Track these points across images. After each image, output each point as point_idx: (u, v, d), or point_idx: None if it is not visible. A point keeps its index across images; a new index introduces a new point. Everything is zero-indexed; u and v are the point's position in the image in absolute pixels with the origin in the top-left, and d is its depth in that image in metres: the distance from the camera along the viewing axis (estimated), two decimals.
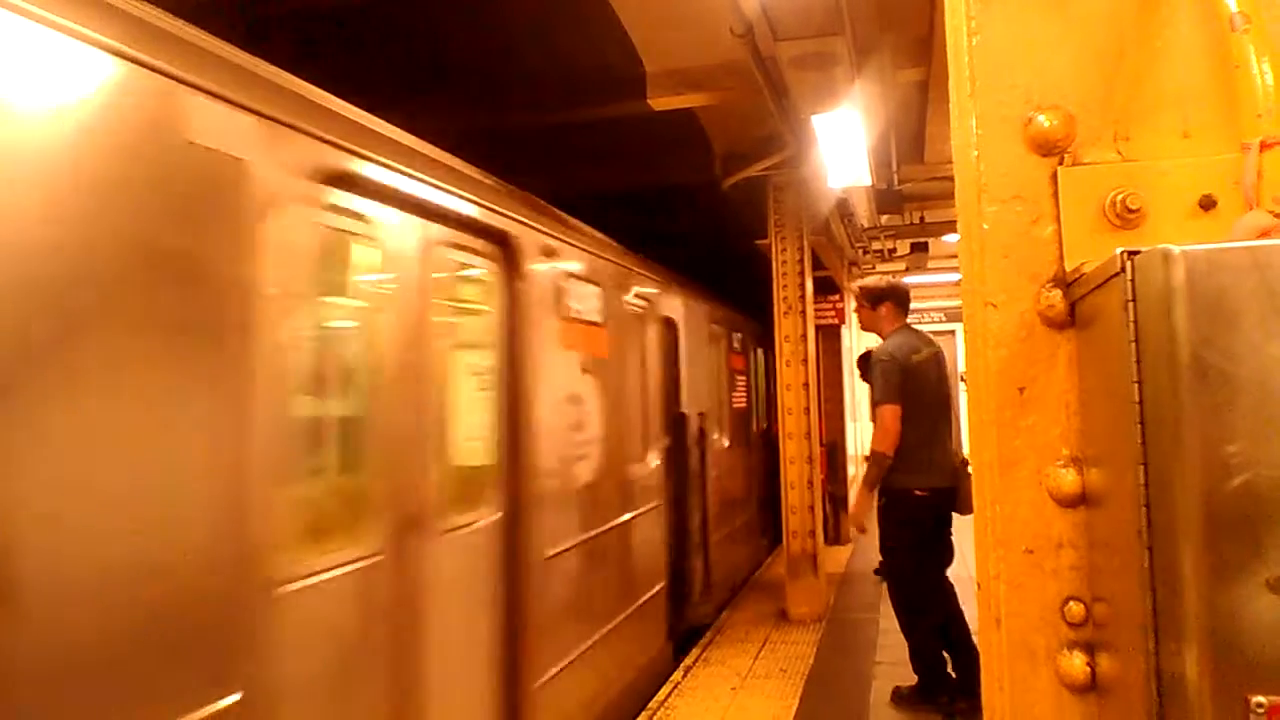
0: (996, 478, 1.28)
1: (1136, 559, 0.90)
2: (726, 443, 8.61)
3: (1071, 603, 1.20)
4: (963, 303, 1.44)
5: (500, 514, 3.87)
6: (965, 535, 5.37)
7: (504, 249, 3.96)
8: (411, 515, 3.16)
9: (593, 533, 4.89)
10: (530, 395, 4.07)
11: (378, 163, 3.01)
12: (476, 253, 3.80)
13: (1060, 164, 1.28)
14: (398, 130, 3.33)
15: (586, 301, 5.01)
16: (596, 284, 5.18)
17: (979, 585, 1.37)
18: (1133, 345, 0.90)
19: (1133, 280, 0.90)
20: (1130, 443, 0.91)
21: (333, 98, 2.95)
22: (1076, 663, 1.15)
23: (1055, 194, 1.27)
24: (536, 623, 4.02)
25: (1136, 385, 0.89)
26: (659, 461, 6.29)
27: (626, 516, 5.51)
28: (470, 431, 3.91)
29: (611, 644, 5.07)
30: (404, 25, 5.44)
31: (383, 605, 2.97)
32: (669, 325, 6.84)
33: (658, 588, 6.11)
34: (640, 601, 5.71)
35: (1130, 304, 0.90)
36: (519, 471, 3.98)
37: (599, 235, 5.57)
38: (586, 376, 4.93)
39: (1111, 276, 0.96)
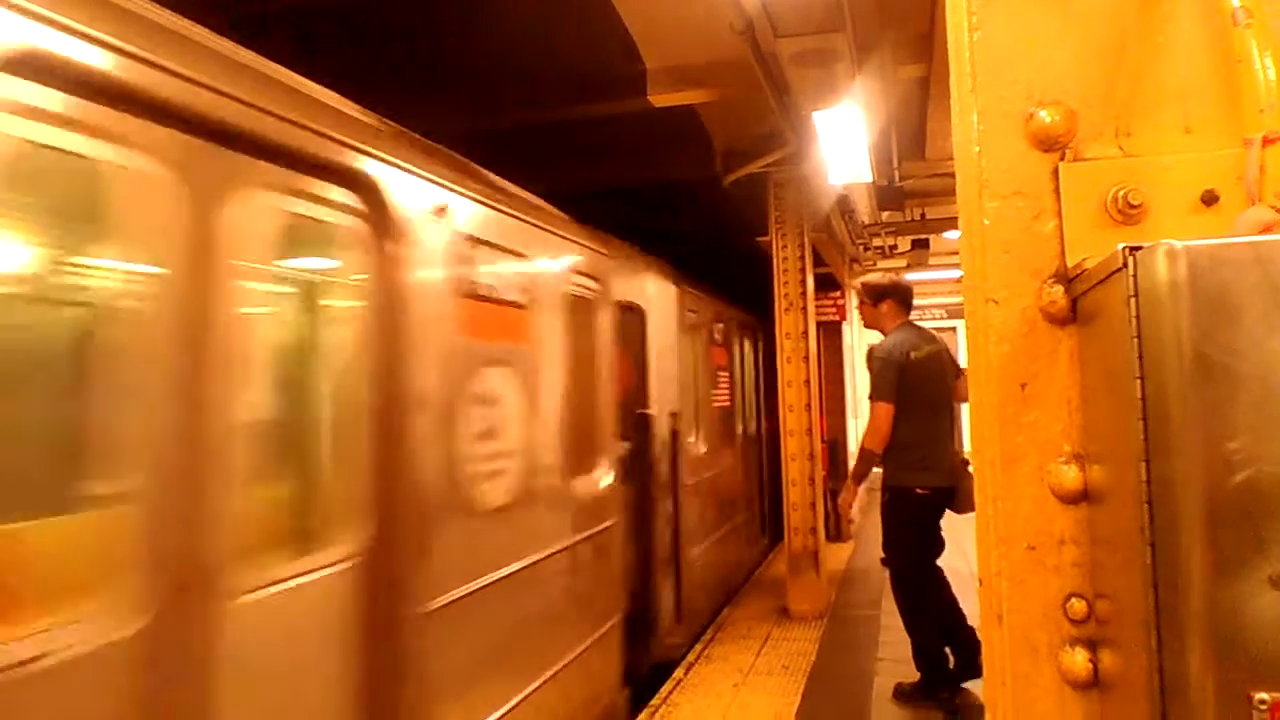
0: (998, 474, 1.28)
1: (1139, 555, 0.90)
2: (705, 447, 7.56)
3: (1074, 599, 1.20)
4: (964, 299, 1.43)
5: (353, 559, 2.80)
6: (963, 532, 5.38)
7: (370, 201, 2.97)
8: (188, 570, 2.16)
9: (509, 569, 3.79)
10: (405, 392, 3.08)
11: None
12: (326, 203, 2.81)
13: (1061, 159, 1.27)
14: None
15: (503, 277, 3.97)
16: (520, 255, 4.16)
17: (981, 582, 1.37)
18: (1135, 341, 0.89)
19: (1135, 275, 0.90)
20: (1132, 439, 0.91)
21: None
22: (1079, 659, 1.15)
23: (1056, 190, 1.27)
24: (414, 699, 3.05)
25: (1138, 381, 0.89)
26: (614, 472, 5.16)
27: (563, 543, 4.43)
28: (308, 442, 2.98)
29: (536, 705, 3.95)
30: (404, 23, 5.43)
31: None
32: (632, 312, 5.87)
33: (609, 624, 5.03)
34: (582, 647, 4.58)
35: (1132, 299, 0.90)
36: (391, 496, 2.96)
37: (531, 198, 4.51)
38: (500, 370, 3.90)
39: (1114, 272, 0.96)
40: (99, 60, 2.00)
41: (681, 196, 8.78)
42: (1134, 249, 0.91)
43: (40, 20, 1.87)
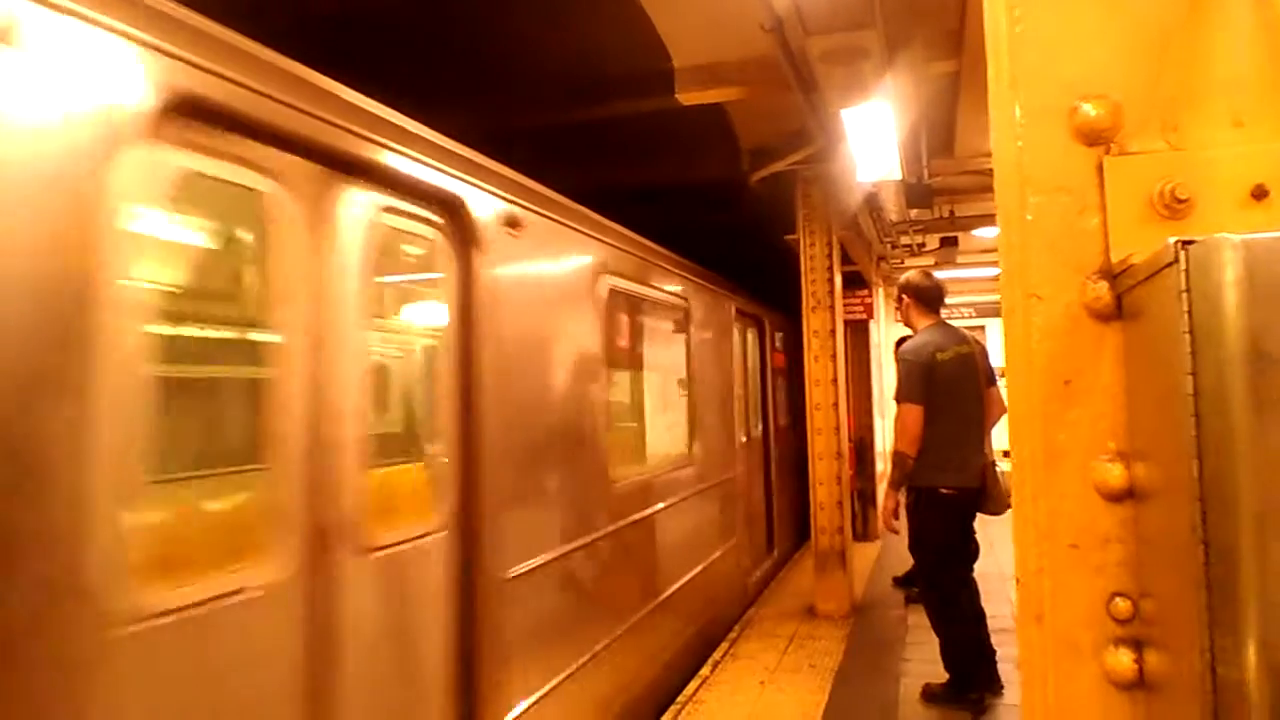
0: (1041, 472, 1.27)
1: (1189, 554, 0.89)
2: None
3: (1118, 598, 1.18)
4: (1002, 296, 1.42)
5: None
6: (995, 532, 5.34)
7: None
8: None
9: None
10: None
11: None
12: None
13: (1106, 154, 1.26)
14: None
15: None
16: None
17: (1019, 581, 1.35)
18: (1187, 336, 0.88)
19: (1187, 270, 0.88)
20: (1183, 436, 0.89)
21: None
22: (1123, 659, 1.14)
23: (1101, 184, 1.25)
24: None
25: (1191, 377, 0.88)
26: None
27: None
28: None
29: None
30: (436, 25, 5.46)
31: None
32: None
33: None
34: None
35: (1185, 294, 0.88)
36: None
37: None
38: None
39: (1164, 267, 0.94)
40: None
41: (707, 193, 8.75)
42: (1186, 243, 0.90)
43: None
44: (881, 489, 10.84)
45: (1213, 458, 0.87)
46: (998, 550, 5.46)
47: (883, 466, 11.47)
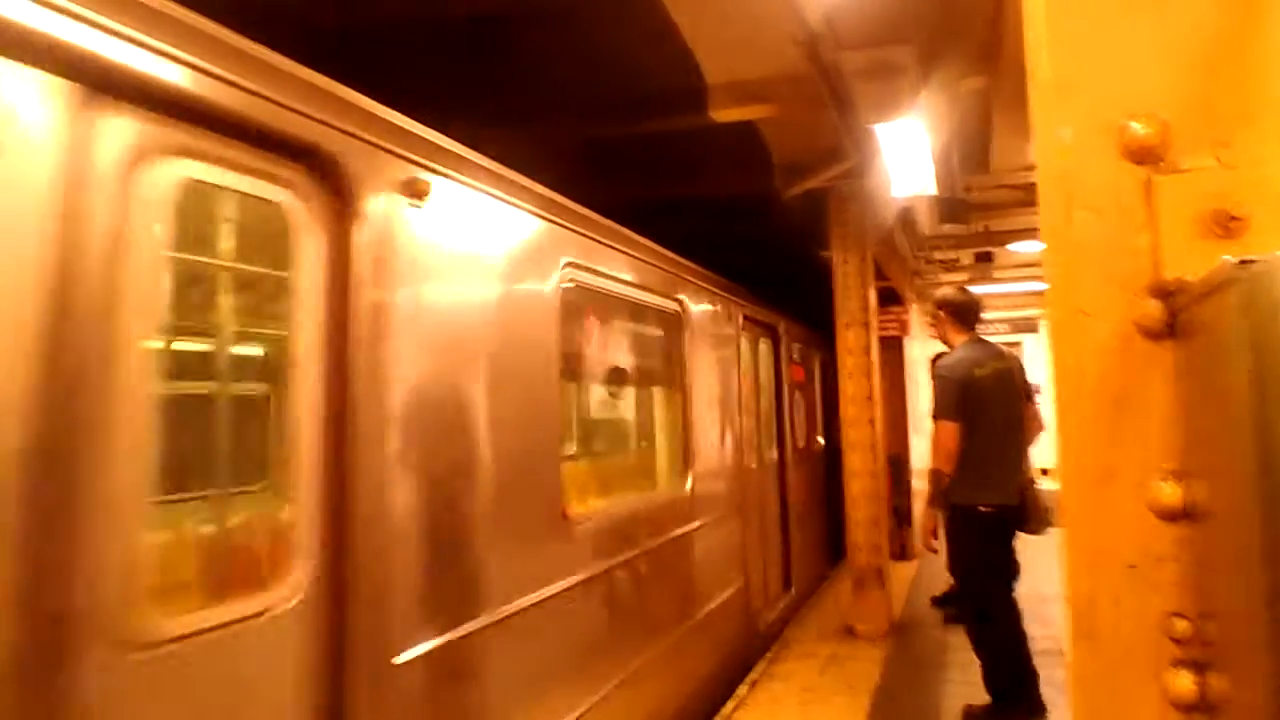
0: (1092, 491, 1.26)
1: (1254, 575, 0.88)
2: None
3: (1175, 619, 1.17)
4: (1049, 314, 1.41)
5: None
6: (1031, 552, 5.27)
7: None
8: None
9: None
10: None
11: None
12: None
13: (1156, 172, 1.25)
14: None
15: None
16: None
17: (1069, 602, 1.34)
18: (1249, 355, 0.87)
19: (1248, 289, 0.88)
20: (1246, 456, 0.89)
21: None
22: (1184, 680, 1.12)
23: (1151, 202, 1.25)
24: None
25: (1253, 396, 0.87)
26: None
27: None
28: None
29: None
30: (479, 45, 5.54)
31: None
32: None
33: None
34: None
35: (1246, 313, 0.88)
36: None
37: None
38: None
39: (1221, 285, 0.94)
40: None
41: (737, 208, 8.73)
42: (1246, 261, 0.89)
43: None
44: (917, 507, 10.74)
45: (1273, 478, 0.86)
46: (1035, 570, 5.38)
47: (918, 484, 11.36)
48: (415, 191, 2.99)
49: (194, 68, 2.17)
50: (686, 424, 5.73)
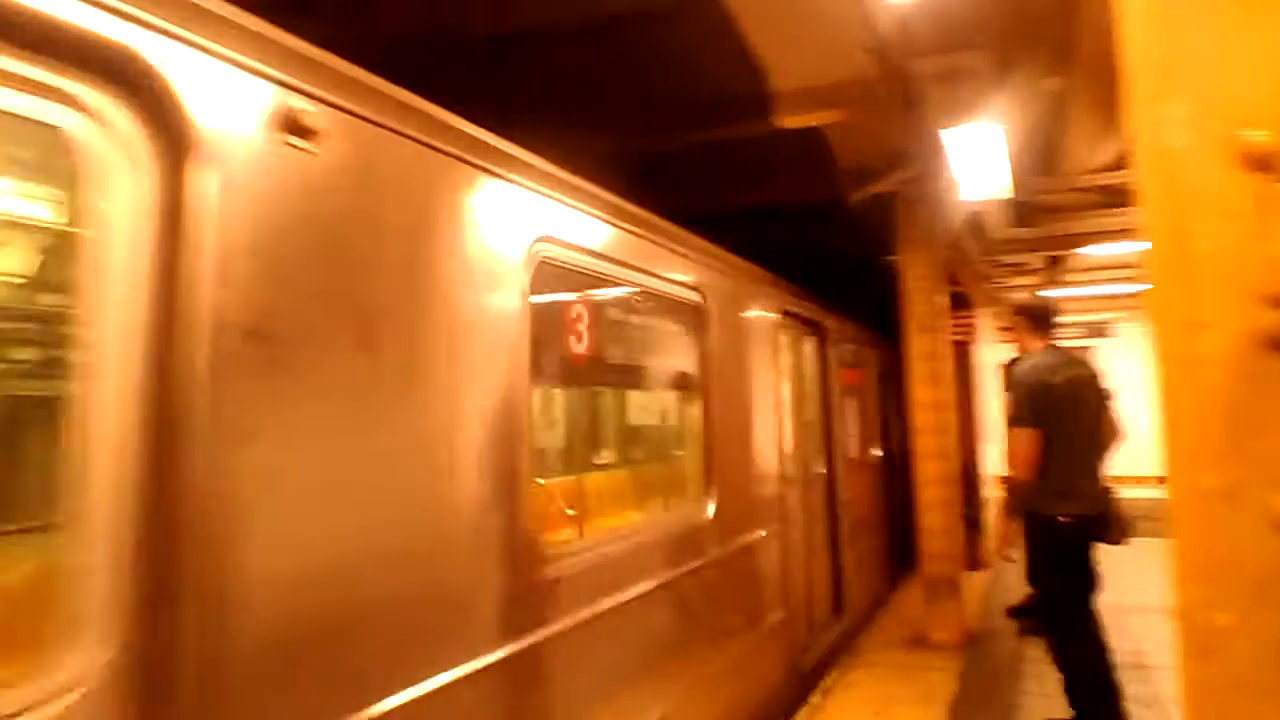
0: (1210, 507, 1.24)
1: None
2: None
3: None
4: (1154, 326, 1.38)
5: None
6: (1112, 562, 5.13)
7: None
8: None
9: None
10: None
11: None
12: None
13: (1276, 180, 1.23)
14: None
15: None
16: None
17: (1180, 619, 1.32)
18: None
19: None
20: None
21: None
22: None
23: (1270, 212, 1.22)
24: None
25: None
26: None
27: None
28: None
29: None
30: (556, 56, 5.61)
31: None
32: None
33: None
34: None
35: None
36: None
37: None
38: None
39: None
40: None
41: (799, 212, 8.65)
42: None
43: None
44: (989, 515, 10.54)
45: None
46: (1116, 582, 5.25)
47: (989, 493, 11.14)
48: (297, 128, 2.17)
49: None
50: (709, 435, 4.82)
